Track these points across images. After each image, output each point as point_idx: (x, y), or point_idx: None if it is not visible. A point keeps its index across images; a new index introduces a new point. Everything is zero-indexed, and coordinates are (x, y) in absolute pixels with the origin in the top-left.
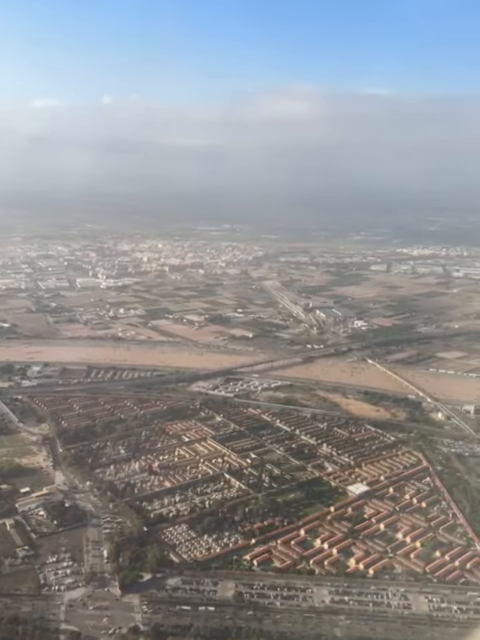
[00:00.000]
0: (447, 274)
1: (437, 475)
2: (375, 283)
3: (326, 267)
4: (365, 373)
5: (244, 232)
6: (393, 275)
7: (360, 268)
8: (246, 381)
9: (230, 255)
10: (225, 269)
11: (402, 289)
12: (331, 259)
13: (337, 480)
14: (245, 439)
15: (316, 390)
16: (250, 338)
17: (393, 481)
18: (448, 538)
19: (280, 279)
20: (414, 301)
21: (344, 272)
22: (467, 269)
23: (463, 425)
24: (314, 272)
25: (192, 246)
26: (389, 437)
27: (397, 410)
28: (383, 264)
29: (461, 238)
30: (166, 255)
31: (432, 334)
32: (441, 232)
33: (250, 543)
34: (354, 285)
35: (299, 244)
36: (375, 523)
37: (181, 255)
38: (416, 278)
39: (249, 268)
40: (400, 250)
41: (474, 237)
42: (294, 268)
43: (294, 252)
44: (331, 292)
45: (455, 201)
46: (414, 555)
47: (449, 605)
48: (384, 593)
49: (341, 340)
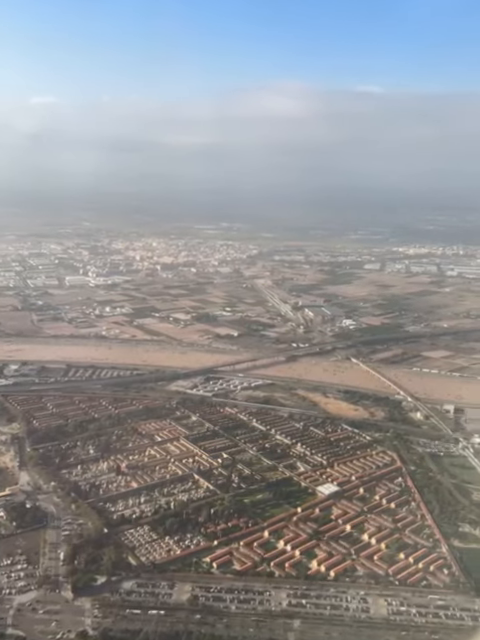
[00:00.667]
0: (441, 273)
1: (410, 475)
2: (367, 282)
3: (320, 266)
4: (348, 372)
5: (241, 231)
6: (386, 274)
7: (354, 267)
8: (226, 380)
9: (224, 254)
10: (218, 267)
11: (394, 288)
12: (326, 258)
13: (307, 480)
14: (219, 439)
15: (296, 389)
16: (235, 337)
17: (364, 481)
18: (414, 539)
19: (272, 278)
20: (405, 300)
21: (337, 271)
22: (462, 268)
23: (441, 425)
24: (307, 271)
25: (187, 245)
26: (365, 437)
27: (376, 409)
28: (377, 263)
29: (458, 237)
30: (159, 254)
31: (420, 333)
32: (439, 231)
33: (212, 545)
34: (346, 284)
35: (295, 243)
36: (341, 524)
37: (174, 254)
38: (409, 277)
39: (242, 267)
40: (396, 249)
41: (471, 236)
42: (287, 267)
43: (289, 251)
44: (322, 291)
45: (455, 200)
46: (377, 557)
47: (408, 608)
48: (343, 596)
49: (327, 339)
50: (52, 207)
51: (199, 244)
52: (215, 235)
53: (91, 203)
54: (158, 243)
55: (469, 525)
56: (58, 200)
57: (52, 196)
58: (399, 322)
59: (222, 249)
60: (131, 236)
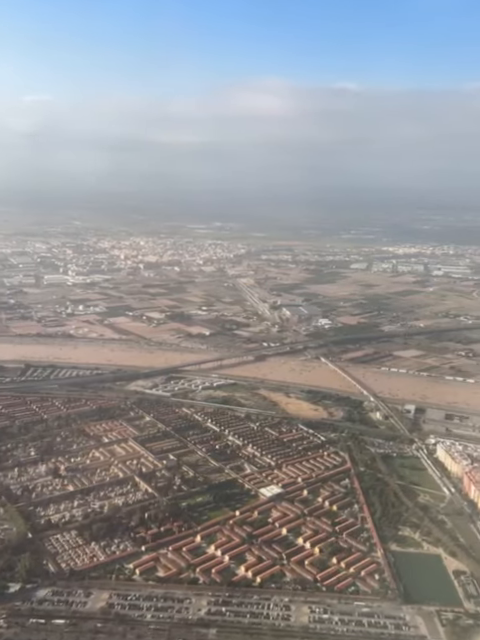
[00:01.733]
0: (427, 273)
1: (357, 476)
2: (351, 281)
3: (306, 265)
4: (315, 372)
5: (233, 230)
6: (372, 273)
7: (340, 266)
8: (188, 380)
9: (211, 253)
10: (202, 267)
11: (377, 287)
12: (313, 257)
13: (252, 482)
14: (169, 440)
15: (259, 389)
16: (207, 336)
17: (310, 483)
18: (350, 543)
19: (256, 277)
20: (386, 299)
21: (323, 270)
22: (449, 267)
23: (399, 425)
24: (292, 270)
25: (175, 244)
26: (319, 437)
27: (336, 409)
28: (364, 262)
29: (452, 236)
30: (145, 252)
31: (395, 333)
32: (434, 230)
33: (140, 550)
34: (330, 283)
35: (285, 242)
36: (278, 527)
37: (160, 253)
38: (395, 276)
39: (227, 266)
40: (386, 248)
41: (465, 235)
42: (273, 266)
43: (277, 250)
44: (304, 290)
45: (453, 200)
46: (308, 562)
47: (331, 616)
48: (266, 603)
49: (300, 338)
50: (46, 206)
51: (188, 243)
52: (206, 234)
53: (84, 202)
54: (146, 242)
55: (410, 528)
56: (52, 199)
57: (47, 195)
58: (376, 321)
59: (210, 248)
60: (120, 235)
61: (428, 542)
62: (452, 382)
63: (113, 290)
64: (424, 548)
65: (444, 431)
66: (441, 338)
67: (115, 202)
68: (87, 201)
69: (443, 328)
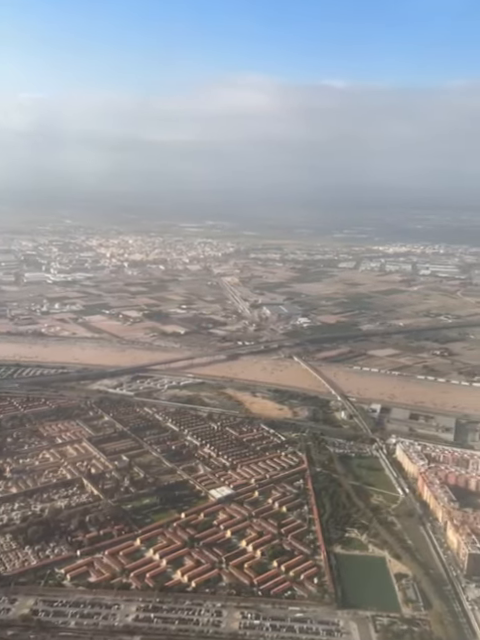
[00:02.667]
0: (415, 271)
1: (312, 477)
2: (337, 280)
3: (293, 264)
4: (286, 371)
5: (225, 229)
6: (359, 272)
7: (328, 265)
8: (155, 379)
9: (199, 251)
10: (188, 265)
11: (362, 286)
12: (302, 256)
13: (203, 483)
14: (125, 440)
15: (226, 388)
16: (181, 335)
17: (263, 484)
18: (294, 546)
19: (241, 275)
20: (370, 298)
21: (310, 269)
22: (437, 267)
23: (363, 424)
24: (279, 269)
25: (164, 242)
26: (280, 437)
27: (301, 409)
28: (352, 261)
29: (445, 236)
30: (131, 251)
31: (373, 332)
32: (427, 230)
33: (75, 555)
34: (315, 282)
35: (276, 241)
36: (222, 530)
37: (147, 251)
38: (381, 275)
39: (213, 264)
40: (376, 248)
41: (458, 235)
42: (260, 265)
43: (267, 249)
44: (289, 289)
45: (450, 200)
46: (248, 565)
47: (262, 622)
48: (198, 609)
49: (277, 337)
50: (39, 205)
51: (177, 242)
52: (197, 233)
53: (78, 201)
54: (134, 240)
55: (357, 530)
56: (48, 198)
57: (43, 194)
58: (356, 320)
59: (199, 247)
60: (110, 233)
61: (374, 544)
62: (423, 381)
63: (93, 288)
64: (369, 550)
65: (407, 431)
66: (419, 337)
67: (108, 201)
68: (81, 200)
69: (422, 327)
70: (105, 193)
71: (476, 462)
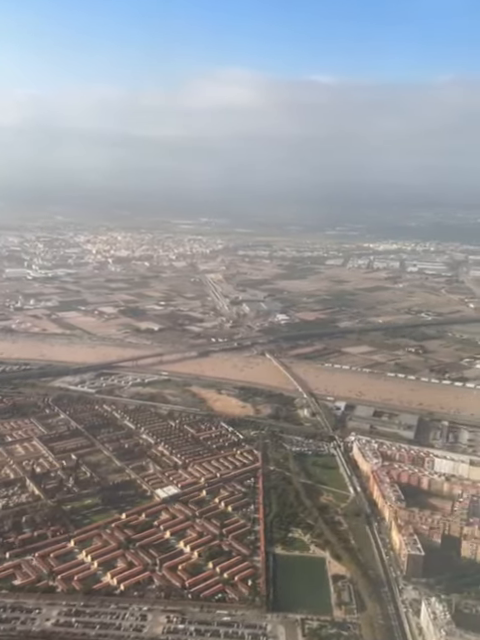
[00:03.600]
0: (402, 269)
1: (264, 476)
2: (322, 277)
3: (281, 261)
4: (257, 368)
5: (219, 226)
6: (346, 269)
7: (315, 262)
8: (120, 376)
9: (187, 248)
10: (174, 262)
11: (347, 283)
12: (291, 253)
13: (151, 483)
14: (77, 438)
15: (192, 385)
16: (155, 331)
17: (212, 483)
18: (234, 547)
19: (226, 272)
20: (353, 295)
21: (297, 266)
22: (425, 264)
23: (325, 422)
24: (266, 266)
25: (153, 239)
26: (238, 435)
27: (265, 406)
28: (340, 259)
29: (438, 233)
30: (118, 247)
31: (350, 329)
32: (421, 227)
33: (4, 557)
34: (300, 279)
35: (267, 238)
36: (162, 531)
37: (134, 247)
38: (368, 273)
39: (200, 261)
40: (367, 245)
41: (451, 232)
42: (247, 261)
43: (256, 246)
44: (272, 286)
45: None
46: (182, 567)
47: (187, 626)
48: (122, 613)
49: (252, 334)
50: (33, 201)
51: (167, 238)
52: (189, 230)
53: (71, 198)
54: (123, 237)
55: (301, 530)
56: (41, 194)
57: (36, 190)
58: (335, 317)
59: (188, 243)
60: (100, 230)
61: (316, 545)
62: (393, 379)
63: (73, 284)
64: (310, 551)
65: (368, 429)
66: (396, 334)
67: (102, 198)
68: (74, 197)
69: (401, 324)
70: (99, 190)
71: (431, 460)
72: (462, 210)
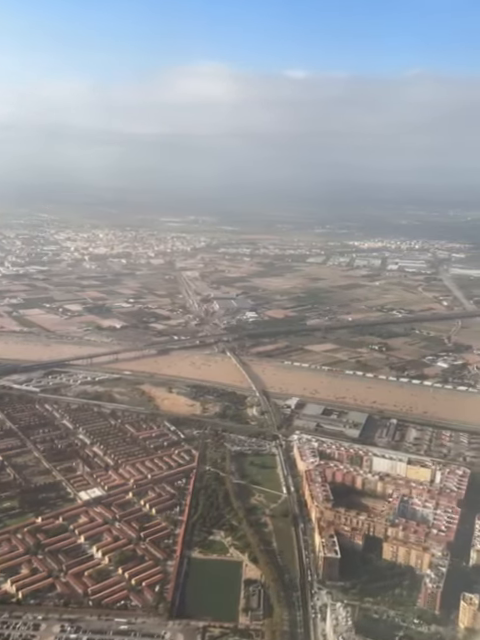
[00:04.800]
0: (383, 266)
1: (198, 476)
2: (300, 275)
3: (261, 258)
4: (215, 366)
5: (206, 224)
6: (326, 267)
7: (296, 260)
8: (70, 374)
9: (169, 245)
10: (152, 259)
11: (324, 281)
12: (273, 251)
13: (76, 485)
14: (9, 439)
15: (144, 384)
16: (117, 329)
17: (141, 484)
18: (149, 551)
19: (204, 270)
20: (328, 293)
21: (276, 264)
22: (406, 262)
23: (272, 421)
24: (245, 263)
25: (136, 236)
26: (180, 434)
27: (214, 405)
28: (322, 256)
29: (428, 231)
30: (98, 245)
31: (317, 326)
32: (413, 225)
33: None
34: (277, 277)
35: (254, 236)
36: (76, 535)
37: (113, 245)
38: (347, 270)
39: (179, 258)
40: (352, 243)
41: (441, 230)
42: (228, 259)
43: (240, 243)
44: (248, 283)
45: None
46: (88, 573)
47: (81, 635)
48: (14, 622)
49: (217, 332)
50: (21, 198)
51: (150, 236)
52: (176, 227)
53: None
54: (105, 234)
55: (224, 532)
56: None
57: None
58: (305, 315)
59: (171, 241)
60: (84, 227)
61: (236, 547)
62: (351, 377)
63: (43, 282)
64: (228, 554)
65: (314, 427)
66: (363, 332)
67: (93, 195)
68: (63, 194)
69: (370, 322)
70: (86, 188)
71: (370, 459)
72: (455, 209)
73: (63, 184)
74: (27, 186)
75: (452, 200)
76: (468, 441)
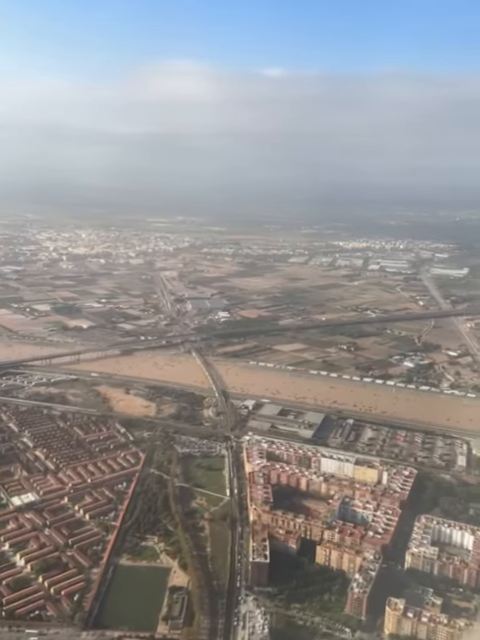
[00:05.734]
0: (364, 266)
1: (140, 480)
2: (280, 275)
3: (243, 258)
4: (178, 367)
5: (194, 224)
6: (307, 267)
7: (278, 260)
8: (25, 376)
9: (152, 245)
10: (132, 259)
11: (303, 281)
12: (257, 251)
13: (10, 490)
14: None
15: (101, 385)
16: (84, 329)
17: (79, 488)
18: (75, 559)
19: (183, 270)
20: (305, 293)
21: (257, 264)
22: (388, 262)
23: (227, 422)
24: (225, 263)
25: (119, 236)
26: (130, 436)
27: (170, 406)
28: (304, 256)
29: (415, 231)
30: (78, 245)
31: (289, 326)
32: (401, 226)
33: None
34: (256, 277)
35: (240, 236)
36: (1, 542)
37: (93, 244)
38: (328, 270)
39: (160, 258)
40: (337, 243)
41: (428, 230)
42: (209, 259)
43: (224, 243)
44: (226, 283)
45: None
46: (6, 582)
47: None
48: None
49: (186, 332)
50: (8, 199)
51: (134, 236)
52: (163, 228)
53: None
54: (88, 234)
55: (157, 538)
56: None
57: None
58: (278, 315)
59: (154, 241)
60: (68, 227)
61: (168, 553)
62: (315, 376)
63: (15, 282)
64: (158, 560)
65: (268, 428)
66: (334, 332)
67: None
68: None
69: (343, 322)
70: (76, 188)
71: (318, 460)
72: (445, 209)
73: (55, 185)
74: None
75: (441, 201)
76: (422, 441)
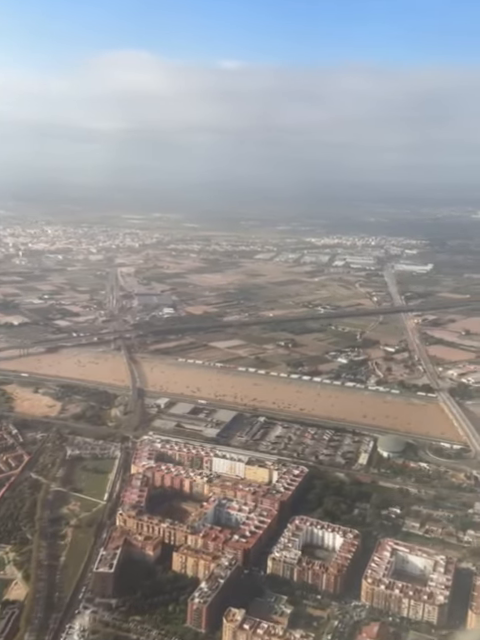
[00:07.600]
0: (329, 262)
1: (15, 484)
2: (242, 271)
3: (208, 255)
4: (102, 365)
5: (169, 221)
6: (272, 263)
7: (244, 256)
8: None
9: (118, 241)
10: (92, 255)
11: (263, 277)
12: (225, 247)
13: None
14: None
15: (11, 384)
16: (14, 326)
17: None
18: None
19: (143, 266)
20: (261, 289)
21: (221, 260)
22: (354, 258)
23: (131, 421)
24: (189, 260)
25: (87, 233)
26: (19, 438)
27: (77, 405)
28: (271, 253)
29: (394, 229)
30: (39, 240)
31: (232, 322)
32: (380, 223)
33: None
34: (216, 273)
35: (212, 232)
36: None
37: (55, 240)
38: (291, 267)
39: (122, 254)
40: (308, 240)
41: (407, 227)
42: (173, 255)
43: (193, 240)
44: (182, 279)
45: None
46: None
47: None
48: None
49: (123, 328)
50: None
51: (101, 232)
52: (136, 224)
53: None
54: (55, 230)
55: (10, 547)
56: None
57: None
58: (224, 311)
59: (121, 237)
60: (38, 224)
61: (16, 563)
62: (242, 373)
63: None
64: (1, 572)
65: (173, 427)
66: (277, 328)
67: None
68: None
69: (290, 318)
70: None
71: (210, 460)
72: (428, 207)
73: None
74: None
75: (425, 198)
76: (329, 439)
